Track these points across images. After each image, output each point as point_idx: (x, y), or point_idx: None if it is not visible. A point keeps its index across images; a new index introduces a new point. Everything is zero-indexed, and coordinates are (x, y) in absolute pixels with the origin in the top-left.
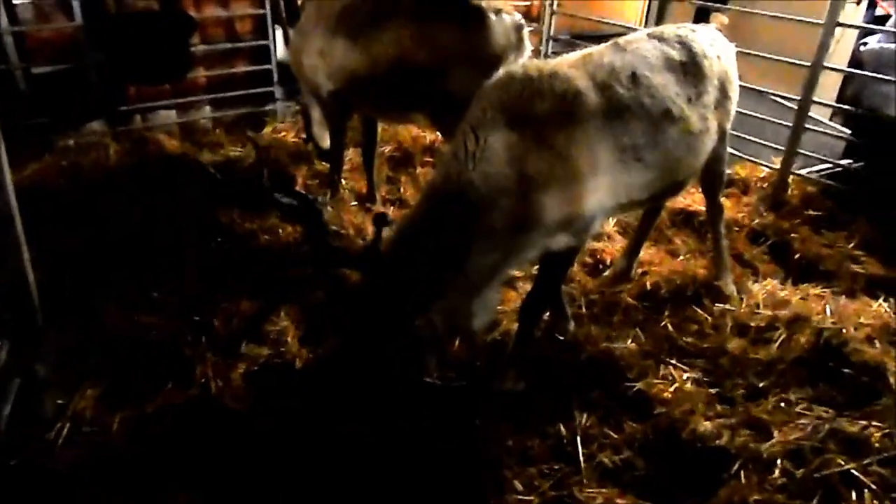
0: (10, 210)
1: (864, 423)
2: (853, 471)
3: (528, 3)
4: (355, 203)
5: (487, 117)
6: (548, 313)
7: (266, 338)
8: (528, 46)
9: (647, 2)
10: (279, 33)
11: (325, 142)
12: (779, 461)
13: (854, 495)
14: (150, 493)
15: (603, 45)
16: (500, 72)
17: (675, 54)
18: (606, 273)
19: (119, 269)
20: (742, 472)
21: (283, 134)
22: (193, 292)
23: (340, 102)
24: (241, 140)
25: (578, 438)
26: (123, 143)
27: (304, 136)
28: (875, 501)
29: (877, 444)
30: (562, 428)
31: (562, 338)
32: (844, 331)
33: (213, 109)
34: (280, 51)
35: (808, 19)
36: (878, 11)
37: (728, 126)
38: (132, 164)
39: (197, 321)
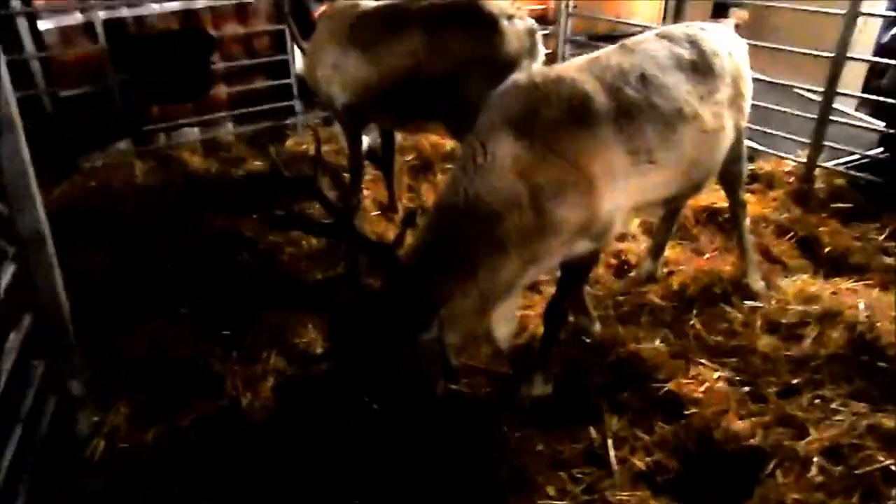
0: (42, 231)
1: None
2: (893, 467)
3: (542, 5)
4: (377, 213)
5: (493, 129)
6: (573, 317)
7: (294, 350)
8: (542, 50)
9: (664, 0)
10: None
11: None
12: (816, 459)
13: (895, 491)
14: None
15: (610, 48)
16: (506, 82)
17: (685, 53)
18: (632, 274)
19: (148, 286)
20: (778, 471)
21: (304, 147)
22: (221, 307)
23: (355, 114)
24: (263, 154)
25: (609, 441)
26: (149, 162)
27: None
28: None
29: None
30: (592, 431)
31: (588, 340)
32: (878, 324)
33: (234, 125)
34: (299, 65)
35: (829, 10)
36: None
37: (743, 123)
38: (158, 181)
39: (225, 335)
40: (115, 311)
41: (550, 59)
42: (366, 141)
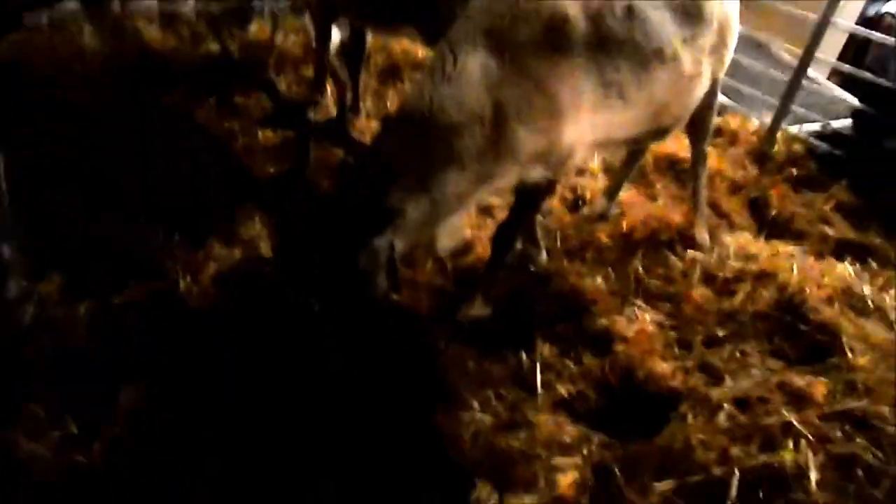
0: None
1: (811, 378)
2: (794, 422)
3: None
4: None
5: (468, 38)
6: (521, 244)
7: (239, 240)
8: None
9: None
10: None
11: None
12: (726, 406)
13: (791, 444)
14: (109, 382)
15: None
16: None
17: None
18: (584, 210)
19: (91, 157)
20: (689, 414)
21: (267, 35)
22: (166, 188)
23: (325, 6)
24: (224, 35)
25: (538, 366)
26: (99, 28)
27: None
28: (809, 451)
29: (820, 400)
30: (523, 355)
31: (533, 269)
32: (807, 289)
33: (197, 0)
34: None
35: None
36: None
37: (721, 74)
38: (108, 50)
39: (170, 216)
40: (52, 182)
41: None
42: (337, 35)
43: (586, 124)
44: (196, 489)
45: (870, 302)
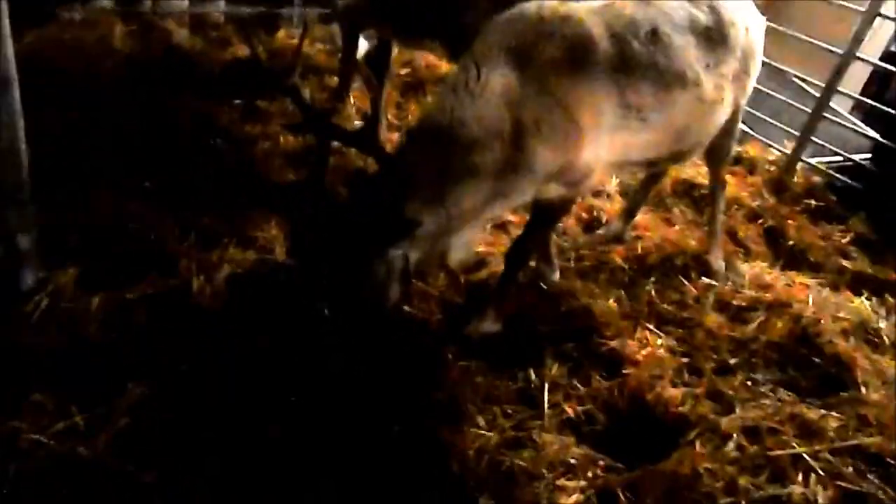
0: (9, 74)
1: (823, 411)
2: (804, 454)
3: None
4: (360, 122)
5: (491, 55)
6: (535, 262)
7: (254, 243)
8: None
9: None
10: None
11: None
12: (735, 435)
13: (801, 477)
14: (116, 376)
15: None
16: (513, 9)
17: (702, 17)
18: (600, 231)
19: (114, 154)
20: (698, 441)
21: (294, 41)
22: (186, 188)
23: (353, 17)
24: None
25: (546, 386)
26: (130, 26)
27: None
28: (819, 486)
29: (831, 433)
30: (531, 374)
31: (545, 287)
32: (822, 322)
33: (227, 3)
34: None
35: (848, 4)
36: None
37: (743, 101)
38: (137, 49)
39: (187, 216)
40: (76, 175)
41: None
42: (364, 46)
43: (605, 145)
44: (197, 487)
45: (885, 337)
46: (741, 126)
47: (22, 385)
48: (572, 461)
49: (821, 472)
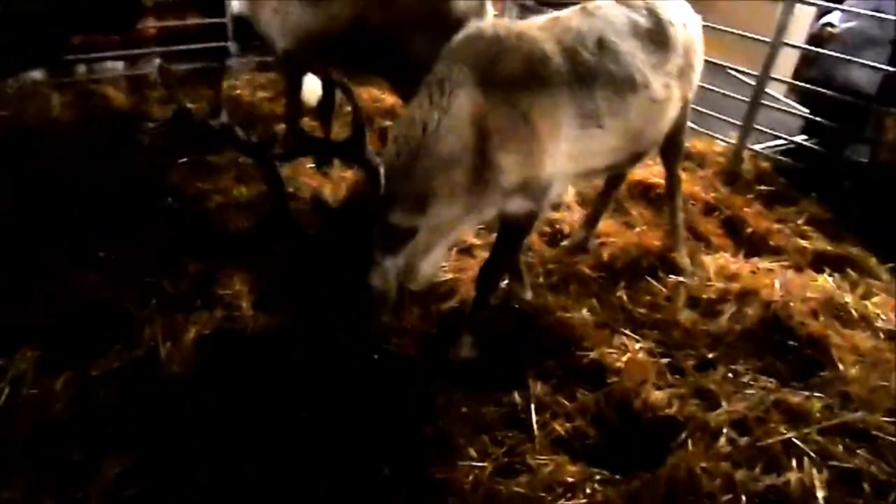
0: None
1: (806, 394)
2: (794, 439)
3: None
4: (311, 166)
5: (457, 72)
6: (505, 282)
7: (219, 301)
8: (491, 12)
9: None
10: None
11: None
12: (725, 430)
13: (794, 463)
14: (89, 458)
15: (571, 10)
16: (470, 28)
17: (642, 21)
18: (564, 243)
19: (64, 226)
20: (690, 441)
21: (238, 92)
22: (142, 253)
23: (295, 61)
24: (192, 95)
25: (532, 406)
26: (67, 95)
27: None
28: (814, 469)
29: (817, 415)
30: (516, 396)
31: (518, 307)
32: (791, 304)
33: (163, 63)
34: (235, 4)
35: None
36: None
37: (691, 96)
38: (76, 116)
39: (147, 282)
40: (24, 249)
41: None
42: (318, 92)
43: (566, 154)
44: None
45: (853, 311)
46: (688, 123)
47: None
48: (569, 480)
49: (813, 454)
